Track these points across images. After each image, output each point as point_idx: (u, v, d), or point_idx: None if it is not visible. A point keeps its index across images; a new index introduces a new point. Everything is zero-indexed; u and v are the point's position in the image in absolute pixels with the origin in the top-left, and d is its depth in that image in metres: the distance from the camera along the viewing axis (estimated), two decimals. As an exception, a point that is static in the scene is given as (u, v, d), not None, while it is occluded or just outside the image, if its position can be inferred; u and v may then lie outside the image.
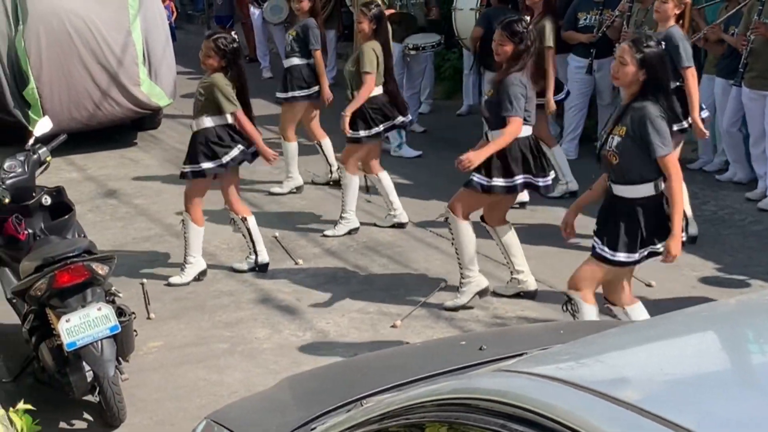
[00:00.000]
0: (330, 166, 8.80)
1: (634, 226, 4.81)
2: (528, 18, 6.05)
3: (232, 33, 6.90)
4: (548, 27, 7.80)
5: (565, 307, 5.09)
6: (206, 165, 6.58)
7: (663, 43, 5.07)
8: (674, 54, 6.46)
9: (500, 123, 5.82)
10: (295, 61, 8.52)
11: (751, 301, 2.89)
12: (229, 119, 6.58)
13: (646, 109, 4.75)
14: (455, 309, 6.08)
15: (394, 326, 5.95)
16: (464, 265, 6.06)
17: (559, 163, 8.08)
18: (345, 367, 4.18)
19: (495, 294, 6.26)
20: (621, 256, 4.84)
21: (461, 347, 3.73)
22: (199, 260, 6.77)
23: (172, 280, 6.71)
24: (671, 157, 4.81)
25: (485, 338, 3.96)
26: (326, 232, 7.56)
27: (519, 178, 5.88)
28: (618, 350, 2.42)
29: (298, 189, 8.70)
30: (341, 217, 7.57)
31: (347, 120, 7.24)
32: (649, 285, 6.26)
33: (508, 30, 5.82)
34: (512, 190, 5.99)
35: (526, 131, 5.92)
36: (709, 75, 8.33)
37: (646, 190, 4.83)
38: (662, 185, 4.85)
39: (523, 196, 7.74)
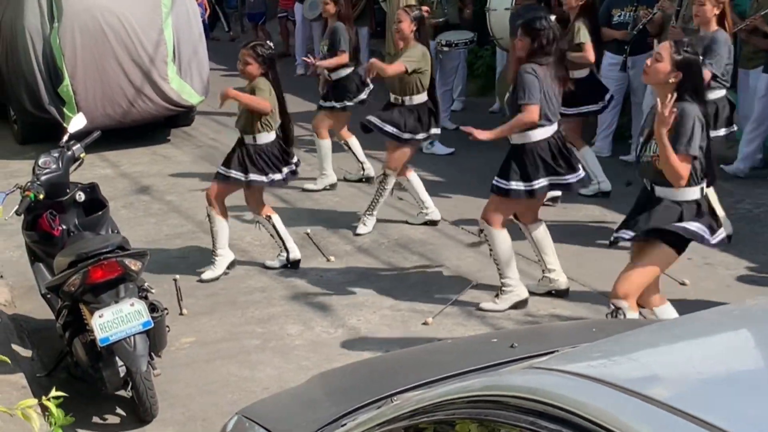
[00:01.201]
0: (361, 163, 8.81)
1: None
2: (554, 17, 5.98)
3: (261, 33, 6.91)
4: (583, 26, 7.73)
5: (609, 317, 4.99)
6: (254, 177, 6.61)
7: (702, 54, 5.00)
8: (712, 57, 6.41)
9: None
10: (343, 72, 8.54)
11: (786, 299, 2.86)
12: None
13: (684, 110, 4.66)
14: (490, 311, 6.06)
15: (425, 323, 5.95)
16: (504, 273, 6.04)
17: (590, 165, 8.03)
18: (376, 363, 4.19)
19: (529, 295, 6.23)
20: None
21: (492, 344, 3.72)
22: (227, 252, 6.81)
23: (204, 275, 6.75)
24: (688, 163, 4.67)
25: (517, 336, 3.95)
26: (357, 231, 7.56)
27: (539, 182, 5.84)
28: (649, 348, 2.41)
29: (332, 186, 8.72)
30: (367, 214, 7.57)
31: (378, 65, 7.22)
32: (683, 284, 6.21)
33: (528, 26, 5.79)
34: (532, 194, 5.92)
35: (543, 134, 5.84)
36: (744, 69, 8.24)
37: (693, 193, 4.77)
38: (704, 188, 4.81)
39: (555, 191, 7.71)
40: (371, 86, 8.61)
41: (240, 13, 19.39)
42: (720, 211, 6.73)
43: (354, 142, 8.76)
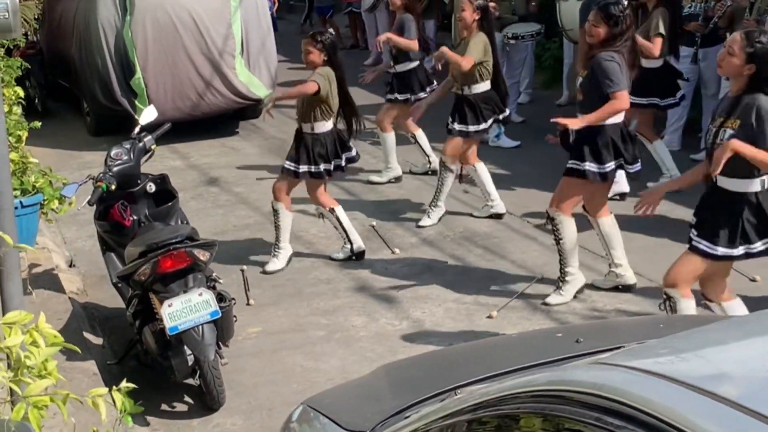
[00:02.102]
0: (427, 156, 8.81)
1: (736, 221, 4.69)
2: (626, 2, 5.89)
3: (329, 26, 6.97)
4: (661, 17, 7.61)
5: (662, 306, 4.98)
6: (304, 168, 6.66)
7: None
8: None
9: (595, 104, 5.73)
10: (409, 65, 8.55)
11: None
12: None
13: (759, 101, 4.59)
14: (557, 305, 6.03)
15: (490, 317, 5.93)
16: (566, 262, 6.01)
17: (662, 157, 7.93)
18: (440, 356, 4.19)
19: (593, 287, 6.18)
20: (720, 250, 4.72)
21: (557, 339, 3.70)
22: (288, 246, 6.88)
23: (268, 267, 6.82)
24: None
25: (582, 331, 3.92)
26: (420, 223, 7.58)
27: (610, 165, 5.79)
28: (718, 345, 2.37)
29: (397, 179, 8.73)
30: (432, 206, 7.58)
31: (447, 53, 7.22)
32: (753, 280, 6.10)
33: (604, 12, 5.71)
34: (605, 177, 5.87)
35: (618, 118, 5.80)
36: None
37: (754, 185, 4.69)
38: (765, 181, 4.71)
39: (623, 186, 7.62)
40: (435, 83, 8.59)
41: (309, 5, 19.48)
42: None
43: (420, 134, 8.76)
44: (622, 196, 7.64)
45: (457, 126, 7.33)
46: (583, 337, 3.38)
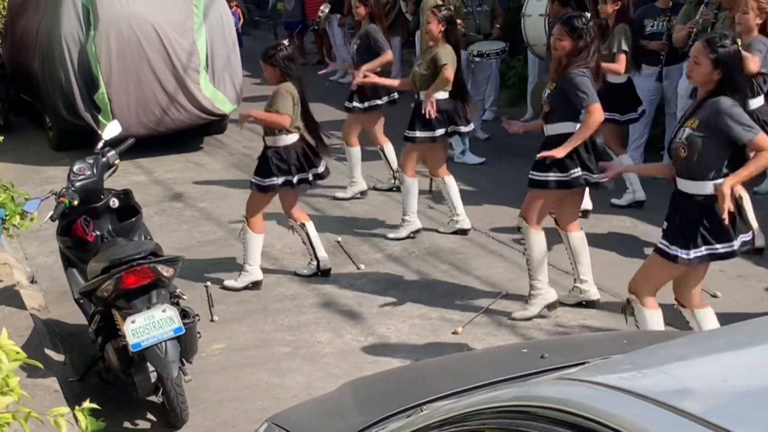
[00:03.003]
0: (393, 171, 8.82)
1: (692, 223, 4.76)
2: (589, 15, 5.97)
3: (296, 41, 6.99)
4: (622, 34, 7.70)
5: (623, 310, 5.05)
6: (272, 181, 6.62)
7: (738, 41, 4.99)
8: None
9: (564, 116, 5.79)
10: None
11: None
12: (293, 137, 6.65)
13: (719, 102, 4.70)
14: (522, 320, 6.05)
15: (455, 333, 5.94)
16: (534, 275, 6.03)
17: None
18: (406, 372, 4.19)
19: (558, 303, 6.21)
20: (676, 251, 4.78)
21: (523, 355, 3.71)
22: (256, 270, 6.79)
23: (227, 283, 6.78)
24: (761, 136, 4.70)
25: (547, 346, 3.93)
26: (389, 235, 7.60)
27: (575, 172, 5.80)
28: (681, 360, 2.39)
29: (362, 194, 8.73)
30: (403, 220, 7.59)
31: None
32: (714, 296, 6.15)
33: (568, 25, 5.76)
34: (567, 185, 5.85)
35: (567, 129, 5.83)
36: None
37: (708, 188, 4.76)
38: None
39: (586, 203, 7.67)
40: (396, 95, 8.62)
41: (274, 22, 19.52)
42: (754, 224, 6.68)
43: (389, 148, 8.76)
44: (585, 213, 7.69)
45: (408, 133, 7.40)
46: (548, 352, 3.39)
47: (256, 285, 6.77)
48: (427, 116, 7.26)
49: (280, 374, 5.56)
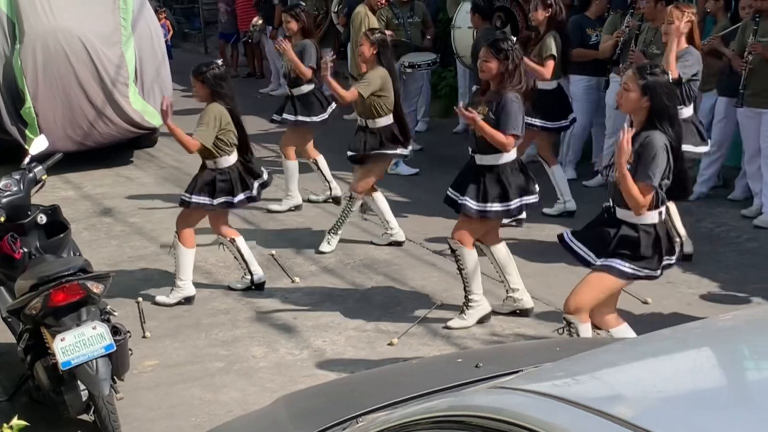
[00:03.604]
0: (328, 182, 8.82)
1: (634, 247, 4.82)
2: (514, 38, 6.08)
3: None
4: (552, 39, 7.80)
5: (561, 331, 5.07)
6: (221, 200, 6.57)
7: (668, 74, 5.08)
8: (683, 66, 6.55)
9: (493, 147, 5.86)
10: (304, 89, 8.54)
11: (746, 317, 2.89)
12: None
13: (651, 139, 4.74)
14: (458, 329, 6.07)
15: (390, 344, 5.94)
16: (470, 290, 6.08)
17: (558, 182, 8.09)
18: (341, 385, 4.17)
19: (492, 312, 6.25)
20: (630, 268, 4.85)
21: (457, 365, 3.72)
22: (188, 285, 6.71)
23: (158, 298, 6.70)
24: (649, 192, 4.74)
25: (481, 356, 3.95)
26: (320, 248, 7.56)
27: (515, 202, 5.92)
28: (613, 366, 2.42)
29: (297, 208, 8.71)
30: (332, 233, 7.59)
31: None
32: (645, 302, 6.26)
33: (494, 47, 5.85)
34: (508, 214, 6.08)
35: (513, 155, 5.94)
36: (707, 92, 8.34)
37: (650, 218, 4.82)
38: (662, 215, 4.87)
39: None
40: (334, 105, 8.63)
41: (204, 34, 19.39)
42: (682, 231, 6.83)
43: (321, 160, 8.76)
44: (519, 222, 7.77)
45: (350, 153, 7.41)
46: (482, 361, 3.41)
47: (188, 300, 6.70)
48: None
49: (214, 390, 5.50)
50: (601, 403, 2.06)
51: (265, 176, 6.81)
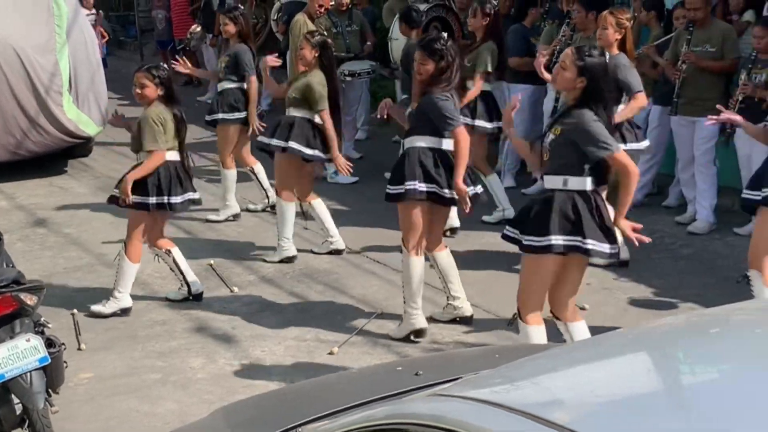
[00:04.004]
0: (265, 191, 8.76)
1: (546, 213, 4.87)
2: (446, 35, 6.08)
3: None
4: (489, 53, 7.87)
5: (510, 324, 5.14)
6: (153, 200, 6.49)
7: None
8: (622, 82, 6.61)
9: (426, 132, 5.87)
10: (227, 84, 8.48)
11: (679, 322, 2.94)
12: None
13: (582, 115, 4.81)
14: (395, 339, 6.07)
15: (331, 353, 5.91)
16: (408, 299, 6.04)
17: (496, 191, 8.15)
18: (280, 395, 4.15)
19: (432, 320, 6.26)
20: (529, 239, 4.90)
21: (397, 373, 3.72)
22: (126, 297, 6.62)
23: (94, 308, 6.59)
24: (618, 154, 4.82)
25: (421, 364, 3.95)
26: (265, 258, 7.52)
27: (412, 184, 5.84)
28: (550, 372, 2.44)
29: (235, 217, 8.64)
30: (279, 245, 7.54)
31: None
32: (582, 308, 6.30)
33: (428, 49, 5.86)
34: (414, 193, 5.86)
35: (425, 142, 5.90)
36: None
37: (578, 183, 4.89)
38: (584, 183, 4.91)
39: (453, 221, 7.78)
40: (263, 106, 8.60)
41: (140, 42, 19.20)
42: (619, 237, 6.92)
43: (259, 168, 8.71)
44: (453, 231, 7.81)
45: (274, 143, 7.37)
46: (422, 369, 3.41)
47: (124, 312, 6.60)
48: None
49: (151, 402, 5.43)
50: (538, 408, 2.08)
51: (194, 195, 6.72)
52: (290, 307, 6.70)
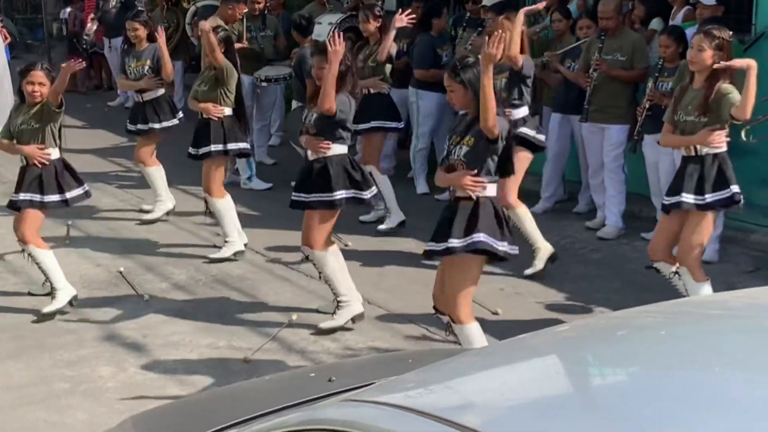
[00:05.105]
0: (158, 196, 8.63)
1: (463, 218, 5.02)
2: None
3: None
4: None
5: (447, 332, 5.23)
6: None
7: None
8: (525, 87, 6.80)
9: (332, 139, 6.03)
10: (154, 94, 8.41)
11: (589, 325, 2.99)
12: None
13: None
14: (330, 331, 6.11)
15: (244, 360, 5.86)
16: (338, 292, 6.11)
17: (384, 192, 8.12)
18: (193, 403, 4.09)
19: (318, 311, 6.37)
20: (453, 242, 5.00)
21: (310, 379, 3.71)
22: (68, 285, 6.60)
23: (46, 309, 6.49)
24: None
25: (334, 369, 3.95)
26: (211, 255, 7.51)
27: (340, 194, 6.01)
28: (462, 376, 2.46)
29: (169, 212, 8.55)
30: (227, 241, 7.54)
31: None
32: (495, 313, 6.38)
33: (326, 53, 5.92)
34: (332, 205, 6.06)
35: (341, 149, 6.08)
36: (545, 106, 8.61)
37: (488, 190, 5.05)
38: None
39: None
40: (181, 114, 8.57)
41: (48, 45, 18.78)
42: (541, 243, 7.07)
43: (155, 171, 8.62)
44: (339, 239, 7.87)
45: (200, 150, 7.46)
46: (335, 375, 3.40)
47: (73, 301, 6.59)
48: None
49: (60, 412, 5.30)
50: (450, 412, 2.09)
51: (81, 190, 6.73)
52: (203, 314, 6.62)
